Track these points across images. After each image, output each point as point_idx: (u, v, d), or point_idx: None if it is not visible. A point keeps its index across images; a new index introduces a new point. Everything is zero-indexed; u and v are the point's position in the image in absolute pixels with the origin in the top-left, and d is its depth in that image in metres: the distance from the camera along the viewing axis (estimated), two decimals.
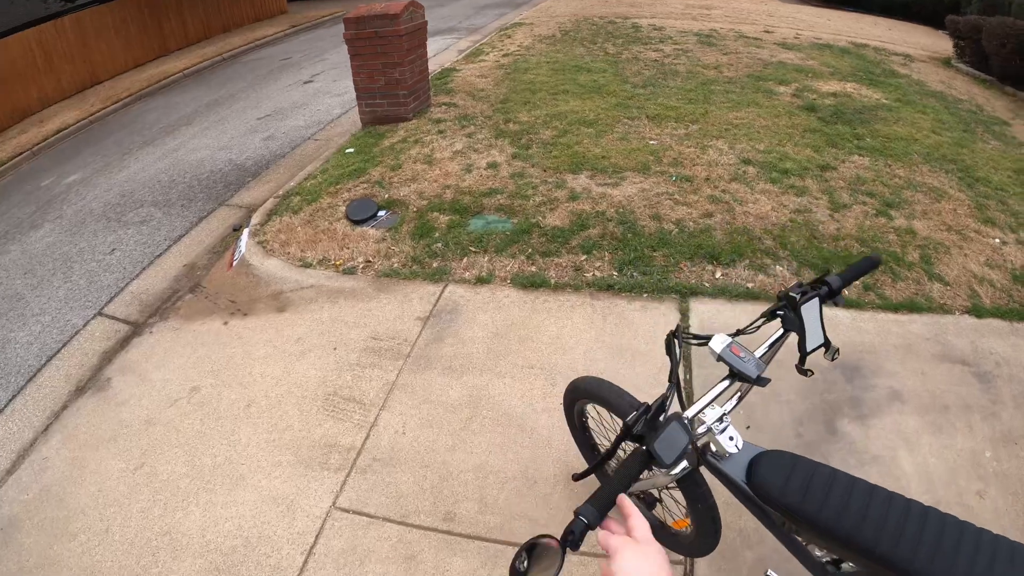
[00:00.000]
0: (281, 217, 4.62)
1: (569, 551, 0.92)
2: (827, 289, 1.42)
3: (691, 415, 1.34)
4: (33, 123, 9.24)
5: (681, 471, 1.41)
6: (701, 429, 1.33)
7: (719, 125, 5.49)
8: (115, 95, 9.91)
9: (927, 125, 5.56)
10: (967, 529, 1.11)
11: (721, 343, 1.35)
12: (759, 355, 1.36)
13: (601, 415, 2.11)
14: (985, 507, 2.20)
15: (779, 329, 1.44)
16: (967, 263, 3.54)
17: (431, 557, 2.21)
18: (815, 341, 1.38)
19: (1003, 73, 7.45)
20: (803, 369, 1.40)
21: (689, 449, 1.18)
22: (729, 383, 1.38)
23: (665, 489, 1.90)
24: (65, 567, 2.34)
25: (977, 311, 3.18)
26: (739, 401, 1.43)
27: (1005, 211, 4.09)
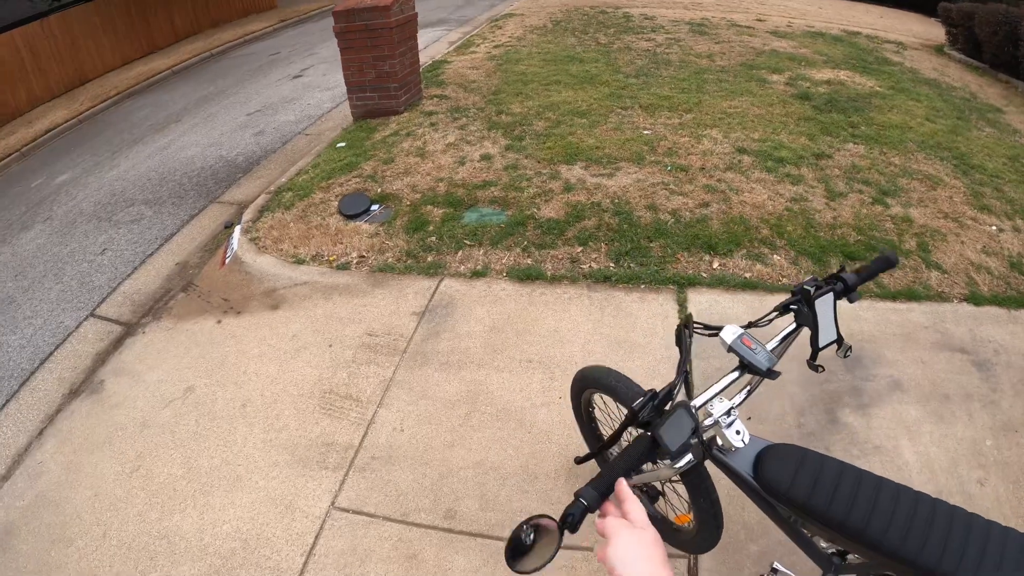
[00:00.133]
0: (273, 213, 4.57)
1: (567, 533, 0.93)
2: (842, 285, 1.39)
3: (698, 404, 1.31)
4: (22, 124, 9.13)
5: (686, 464, 1.39)
6: (708, 421, 1.30)
7: (713, 114, 5.46)
8: (104, 93, 9.80)
9: (921, 113, 5.55)
10: (976, 522, 1.10)
11: (732, 334, 1.33)
12: (770, 348, 1.34)
13: (608, 405, 2.09)
14: (986, 495, 2.20)
15: (792, 323, 1.42)
16: (964, 251, 3.53)
17: (432, 556, 2.19)
18: (828, 337, 1.36)
19: (996, 60, 7.43)
20: (814, 365, 1.38)
21: (695, 441, 1.16)
22: (738, 375, 1.36)
23: (668, 483, 1.89)
24: (63, 573, 2.31)
25: (975, 299, 3.18)
26: (748, 395, 1.41)
27: (1001, 198, 4.09)
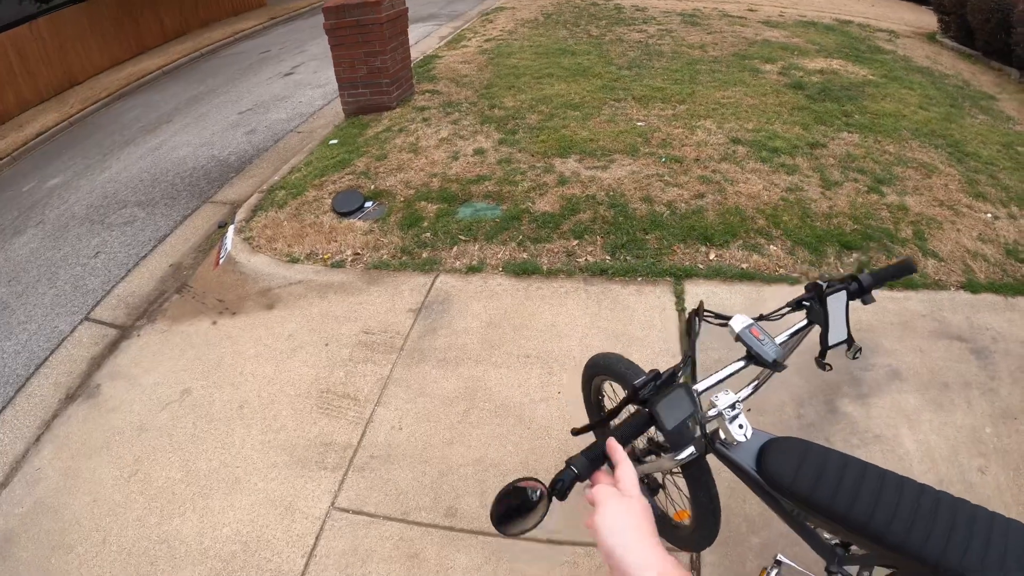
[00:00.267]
0: (266, 212, 4.55)
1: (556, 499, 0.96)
2: (857, 286, 1.37)
3: (700, 389, 1.32)
4: (11, 128, 9.04)
5: (689, 456, 1.38)
6: (712, 413, 1.30)
7: (706, 105, 5.44)
8: (94, 95, 9.72)
9: (915, 101, 5.55)
10: (979, 514, 1.10)
11: (741, 323, 1.32)
12: (780, 342, 1.34)
13: (618, 394, 2.07)
14: (987, 483, 2.20)
15: (803, 320, 1.41)
16: (960, 238, 3.53)
17: (434, 554, 2.18)
18: (838, 336, 1.35)
19: (989, 48, 7.40)
20: (822, 363, 1.38)
21: (697, 434, 1.15)
22: (744, 364, 1.35)
23: (668, 476, 1.88)
24: None
25: (972, 286, 3.18)
26: (755, 389, 1.40)
27: (996, 185, 4.08)
